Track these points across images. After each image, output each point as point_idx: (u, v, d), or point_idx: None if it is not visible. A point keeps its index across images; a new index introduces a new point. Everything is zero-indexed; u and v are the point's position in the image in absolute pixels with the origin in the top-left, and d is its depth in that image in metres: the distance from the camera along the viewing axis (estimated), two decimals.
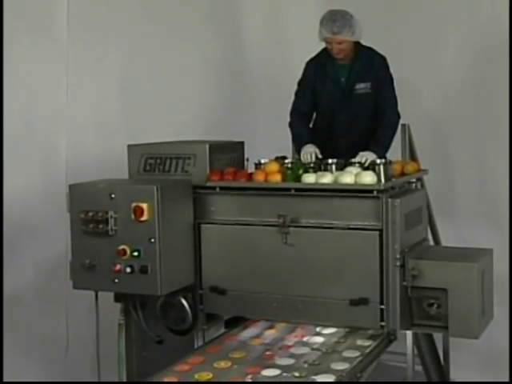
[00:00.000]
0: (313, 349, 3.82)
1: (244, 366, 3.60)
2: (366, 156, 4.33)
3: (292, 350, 3.80)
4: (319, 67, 4.92)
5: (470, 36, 5.54)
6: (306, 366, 3.59)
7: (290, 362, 3.65)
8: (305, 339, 3.96)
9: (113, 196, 3.90)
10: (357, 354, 3.70)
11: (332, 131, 4.95)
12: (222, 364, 3.61)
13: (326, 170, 4.11)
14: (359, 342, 3.86)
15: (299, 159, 4.62)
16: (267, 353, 3.76)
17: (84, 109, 5.50)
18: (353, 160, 4.22)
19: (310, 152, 4.64)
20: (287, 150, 4.98)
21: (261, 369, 3.54)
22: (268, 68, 6.19)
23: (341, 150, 4.70)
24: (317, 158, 4.58)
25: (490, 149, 5.55)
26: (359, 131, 4.89)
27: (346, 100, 4.87)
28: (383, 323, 3.81)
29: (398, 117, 4.82)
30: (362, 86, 4.82)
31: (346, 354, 3.72)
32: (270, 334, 4.07)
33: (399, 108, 4.83)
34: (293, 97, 5.01)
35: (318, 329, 4.06)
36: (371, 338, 3.89)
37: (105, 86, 5.62)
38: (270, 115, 5.86)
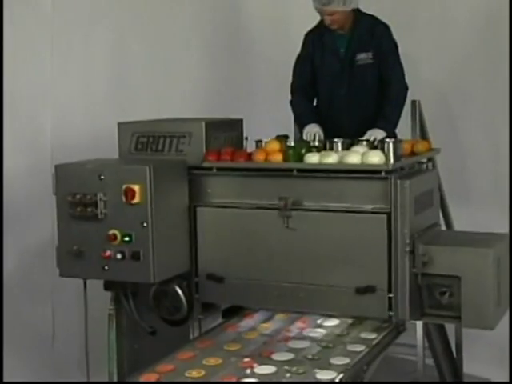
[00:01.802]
0: (313, 342, 3.80)
1: (239, 360, 3.55)
2: (375, 134, 4.33)
3: (291, 344, 3.77)
4: (317, 38, 4.90)
5: (478, 9, 5.53)
6: (305, 360, 3.56)
7: (289, 356, 3.60)
8: (305, 332, 3.94)
9: (102, 177, 3.88)
10: (361, 347, 3.68)
11: (332, 109, 4.91)
12: (213, 361, 3.55)
13: (330, 149, 4.06)
14: (363, 335, 3.85)
15: (301, 139, 4.58)
16: (264, 346, 3.74)
17: (71, 85, 5.48)
18: (360, 138, 4.19)
19: (313, 132, 4.61)
20: (289, 128, 4.97)
21: (257, 364, 3.50)
22: (267, 43, 6.20)
23: (341, 129, 4.65)
24: (319, 139, 4.55)
25: (504, 127, 5.52)
26: (361, 108, 4.84)
27: (347, 73, 4.82)
28: (391, 313, 3.79)
29: (406, 88, 4.77)
30: (362, 57, 4.78)
31: (350, 347, 3.70)
32: (267, 326, 4.06)
33: (406, 79, 4.79)
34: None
35: (319, 321, 4.05)
36: (376, 330, 3.89)
37: (93, 62, 5.59)
38: (270, 91, 5.87)
